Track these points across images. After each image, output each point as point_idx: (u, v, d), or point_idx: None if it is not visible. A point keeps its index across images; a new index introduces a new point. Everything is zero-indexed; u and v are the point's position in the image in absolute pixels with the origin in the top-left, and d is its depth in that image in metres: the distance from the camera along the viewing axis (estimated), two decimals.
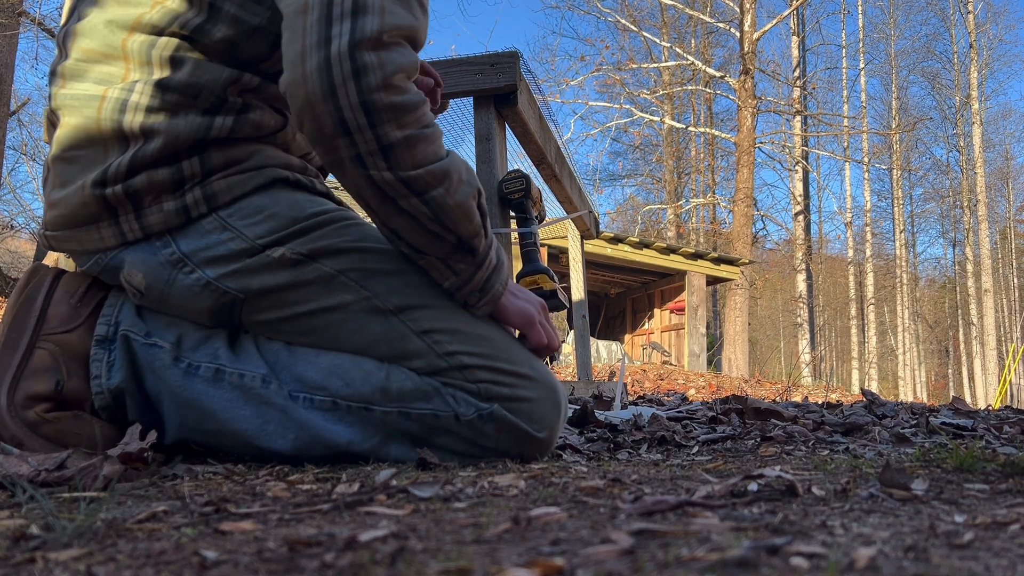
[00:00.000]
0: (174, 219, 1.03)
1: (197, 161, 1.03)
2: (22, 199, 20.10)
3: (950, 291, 29.27)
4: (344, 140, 0.93)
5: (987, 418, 1.84)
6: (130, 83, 1.03)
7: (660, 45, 18.43)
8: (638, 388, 6.94)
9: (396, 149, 0.94)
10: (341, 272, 1.04)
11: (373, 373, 1.03)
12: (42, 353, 1.05)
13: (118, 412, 1.06)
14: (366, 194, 0.97)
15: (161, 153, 1.01)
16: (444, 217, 0.98)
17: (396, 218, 0.99)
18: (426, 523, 0.60)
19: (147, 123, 1.01)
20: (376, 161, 0.94)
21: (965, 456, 0.89)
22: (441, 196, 0.97)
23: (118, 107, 1.02)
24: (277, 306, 1.05)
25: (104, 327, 1.07)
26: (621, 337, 13.65)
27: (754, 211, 16.16)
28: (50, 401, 1.03)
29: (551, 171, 2.19)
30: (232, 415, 1.03)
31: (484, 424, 1.02)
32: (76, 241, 1.07)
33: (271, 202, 1.05)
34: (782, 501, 0.69)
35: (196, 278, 1.03)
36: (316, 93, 0.91)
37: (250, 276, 1.03)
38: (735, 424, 1.65)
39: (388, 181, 0.95)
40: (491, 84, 1.67)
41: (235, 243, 1.03)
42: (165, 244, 1.04)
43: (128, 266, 1.05)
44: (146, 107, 1.02)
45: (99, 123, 1.03)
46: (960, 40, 24.14)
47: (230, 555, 0.50)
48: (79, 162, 1.04)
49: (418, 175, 0.96)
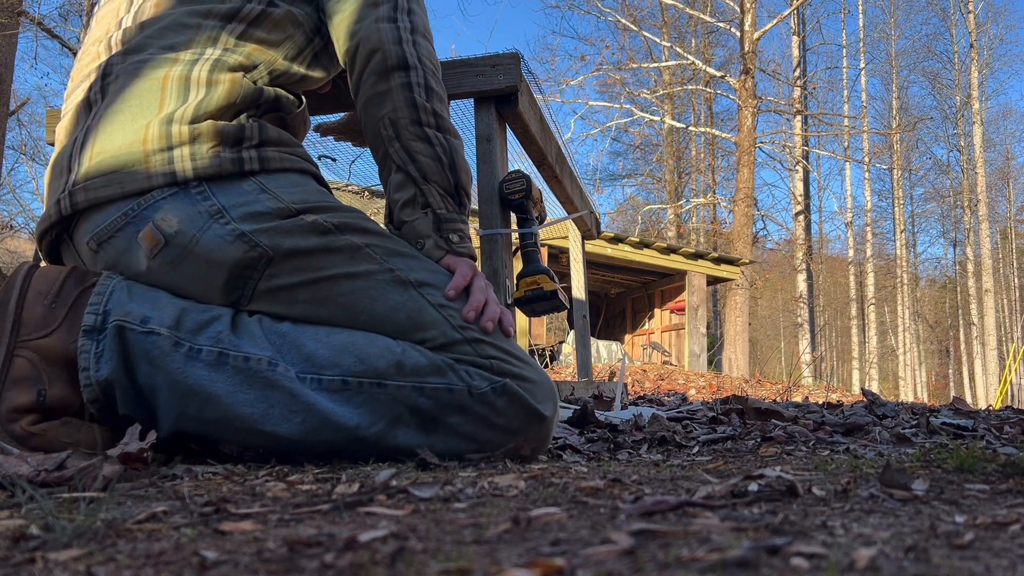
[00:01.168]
0: (228, 167, 1.10)
1: (256, 127, 1.16)
2: (21, 199, 20.11)
3: (951, 291, 29.26)
4: (401, 72, 1.19)
5: (988, 418, 1.83)
6: (200, 50, 1.18)
7: (660, 45, 18.42)
8: (638, 388, 6.94)
9: (433, 93, 1.21)
10: (367, 245, 1.12)
11: (389, 348, 1.05)
12: (21, 362, 1.02)
13: (108, 406, 1.03)
14: (403, 113, 1.18)
15: (224, 105, 1.14)
16: (455, 157, 1.20)
17: (418, 142, 1.18)
18: (426, 523, 0.60)
19: (213, 75, 1.16)
20: (420, 91, 1.19)
21: (966, 456, 0.89)
22: (455, 144, 1.21)
23: (189, 62, 1.16)
24: (302, 269, 1.08)
25: (92, 316, 1.04)
26: (621, 337, 13.64)
27: (754, 211, 16.14)
28: (34, 412, 1.00)
29: (552, 172, 2.19)
30: (236, 399, 1.01)
31: (497, 398, 1.04)
32: (118, 184, 1.08)
33: (304, 183, 1.17)
34: (782, 501, 0.68)
35: (231, 228, 1.07)
36: (389, 38, 1.20)
37: (283, 235, 1.08)
38: (735, 424, 1.65)
39: (425, 107, 1.19)
40: (492, 85, 1.67)
41: (271, 203, 1.10)
42: (205, 197, 1.08)
43: (164, 212, 1.07)
44: (214, 61, 1.17)
45: (168, 72, 1.15)
46: (960, 40, 24.14)
47: (230, 555, 0.50)
48: (133, 110, 1.12)
49: (445, 117, 1.21)
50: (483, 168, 1.72)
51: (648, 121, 19.44)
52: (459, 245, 1.18)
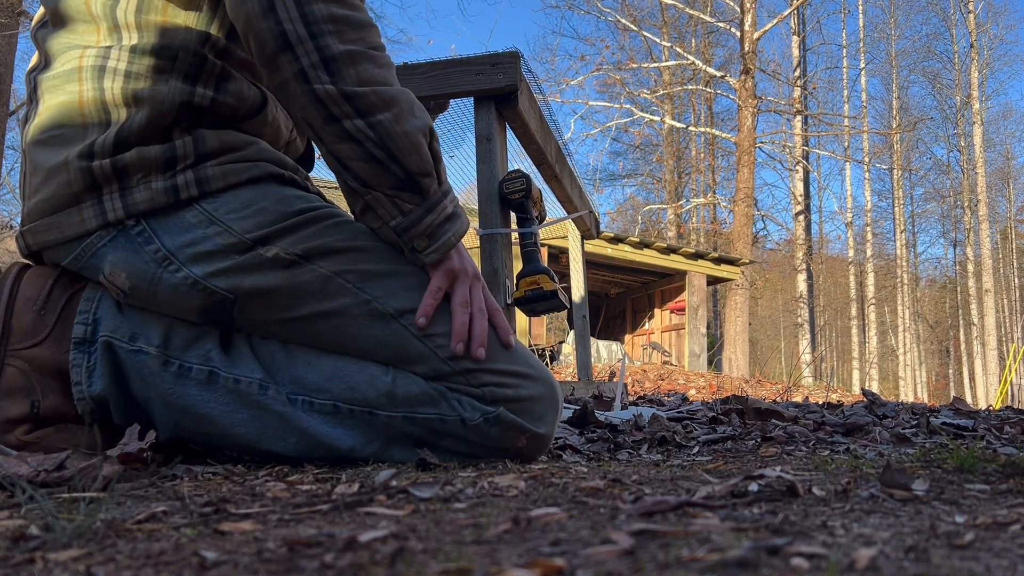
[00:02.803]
0: (161, 198, 0.98)
1: (191, 142, 1.00)
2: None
3: (951, 291, 29.25)
4: (286, 56, 0.92)
5: (988, 418, 1.83)
6: (103, 48, 1.00)
7: (660, 45, 18.42)
8: (638, 388, 6.94)
9: (338, 62, 0.93)
10: (337, 274, 1.01)
11: (378, 377, 1.01)
12: (12, 372, 0.99)
13: (103, 417, 1.01)
14: (311, 114, 0.95)
15: (149, 125, 0.98)
16: (391, 144, 0.96)
17: (342, 144, 0.96)
18: (426, 523, 0.60)
19: (129, 90, 0.98)
20: (319, 74, 0.92)
21: (966, 456, 0.89)
22: (388, 121, 0.95)
23: (96, 74, 0.99)
24: (271, 307, 1.00)
25: (82, 327, 1.00)
26: (621, 337, 13.64)
27: (754, 211, 16.14)
28: (28, 423, 0.98)
29: (552, 171, 2.19)
30: (230, 419, 1.00)
31: (490, 427, 1.01)
32: (57, 229, 1.00)
33: (259, 196, 1.02)
34: (782, 501, 0.68)
35: (183, 277, 0.98)
36: (256, 9, 0.91)
37: (241, 276, 0.99)
38: (735, 424, 1.65)
39: (332, 95, 0.93)
40: (492, 84, 1.67)
41: (222, 237, 0.99)
42: (147, 240, 0.98)
43: (110, 266, 0.99)
44: (125, 72, 0.99)
45: (81, 95, 0.99)
46: (961, 40, 24.14)
47: (230, 555, 0.50)
48: (57, 143, 1.00)
49: (363, 92, 0.94)
50: (483, 167, 1.72)
51: (648, 121, 19.44)
52: (428, 252, 1.02)
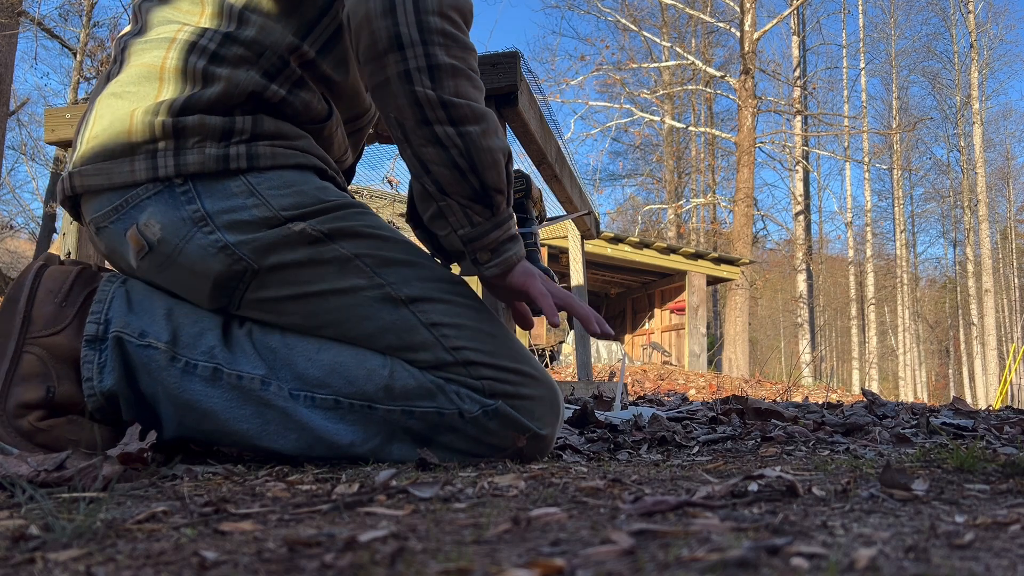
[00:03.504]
0: (211, 164, 1.03)
1: (250, 120, 1.06)
2: (21, 199, 20.13)
3: (950, 291, 29.25)
4: (395, 55, 0.97)
5: (988, 418, 1.83)
6: (201, 29, 1.08)
7: (660, 45, 18.42)
8: (638, 388, 6.94)
9: (442, 71, 0.98)
10: (358, 256, 1.05)
11: (376, 371, 1.02)
12: (30, 358, 1.02)
13: (112, 413, 1.04)
14: (407, 114, 0.99)
15: (218, 101, 1.04)
16: (475, 155, 1.00)
17: (429, 147, 1.00)
18: (426, 523, 0.60)
19: (210, 68, 1.05)
20: (422, 78, 0.98)
21: (966, 456, 0.89)
22: (476, 134, 1.00)
23: (186, 48, 1.06)
24: (288, 283, 1.04)
25: (94, 326, 1.03)
26: (621, 337, 13.64)
27: (754, 211, 16.14)
28: (42, 408, 1.01)
29: (552, 171, 2.19)
30: (232, 415, 1.01)
31: (488, 420, 1.02)
32: (105, 175, 1.05)
33: (301, 180, 1.07)
34: (782, 501, 0.68)
35: (215, 239, 1.02)
36: (377, 8, 0.97)
37: (268, 247, 1.03)
38: (735, 424, 1.65)
39: (430, 99, 0.98)
40: (492, 84, 1.67)
41: (259, 210, 1.03)
42: (190, 200, 1.03)
43: (147, 216, 1.03)
44: (212, 53, 1.06)
45: (164, 61, 1.06)
46: (961, 40, 24.14)
47: (230, 555, 0.50)
48: (129, 97, 1.06)
49: (459, 103, 0.99)
50: None
51: (648, 121, 19.46)
52: (489, 264, 1.06)
